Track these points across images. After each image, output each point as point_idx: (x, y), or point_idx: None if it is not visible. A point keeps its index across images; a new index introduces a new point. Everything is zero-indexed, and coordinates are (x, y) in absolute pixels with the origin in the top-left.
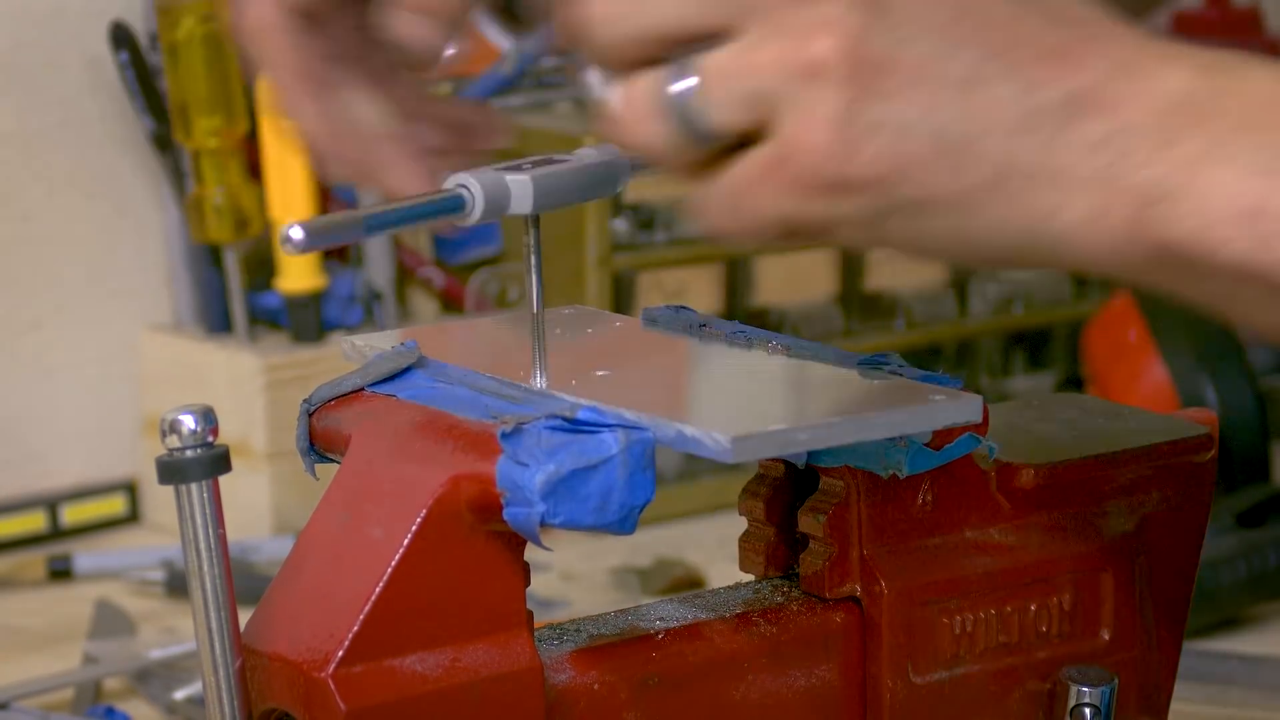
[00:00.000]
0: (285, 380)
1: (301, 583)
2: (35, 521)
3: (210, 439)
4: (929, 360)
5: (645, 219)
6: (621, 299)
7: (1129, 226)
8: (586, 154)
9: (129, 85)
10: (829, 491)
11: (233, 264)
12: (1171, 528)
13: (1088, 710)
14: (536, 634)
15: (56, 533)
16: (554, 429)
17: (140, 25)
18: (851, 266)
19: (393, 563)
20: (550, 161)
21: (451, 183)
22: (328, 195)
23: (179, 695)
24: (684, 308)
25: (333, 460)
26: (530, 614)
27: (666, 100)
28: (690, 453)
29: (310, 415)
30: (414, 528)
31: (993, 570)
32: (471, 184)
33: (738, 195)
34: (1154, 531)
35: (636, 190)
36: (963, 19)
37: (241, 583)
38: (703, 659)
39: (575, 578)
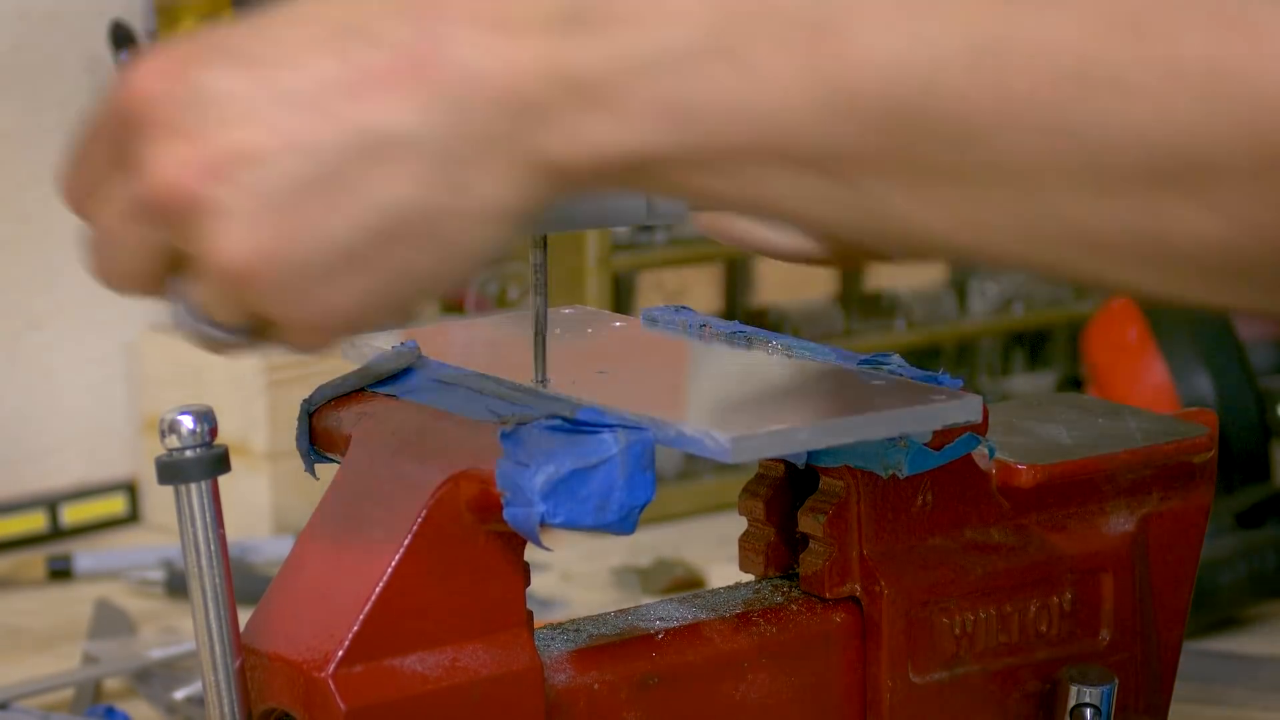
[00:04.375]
0: (285, 380)
1: (301, 583)
2: (35, 521)
3: (210, 439)
4: (929, 360)
5: None
6: (621, 299)
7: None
8: None
9: None
10: (829, 491)
11: None
12: (1171, 528)
13: (1088, 710)
14: (536, 634)
15: (56, 533)
16: (554, 429)
17: (140, 25)
18: None
19: (393, 563)
20: None
21: None
22: None
23: (179, 695)
24: (684, 308)
25: (333, 460)
26: (530, 614)
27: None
28: (690, 453)
29: (310, 415)
30: (414, 528)
31: (993, 570)
32: None
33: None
34: (1154, 531)
35: None
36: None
37: (241, 583)
38: (703, 659)
39: (575, 578)
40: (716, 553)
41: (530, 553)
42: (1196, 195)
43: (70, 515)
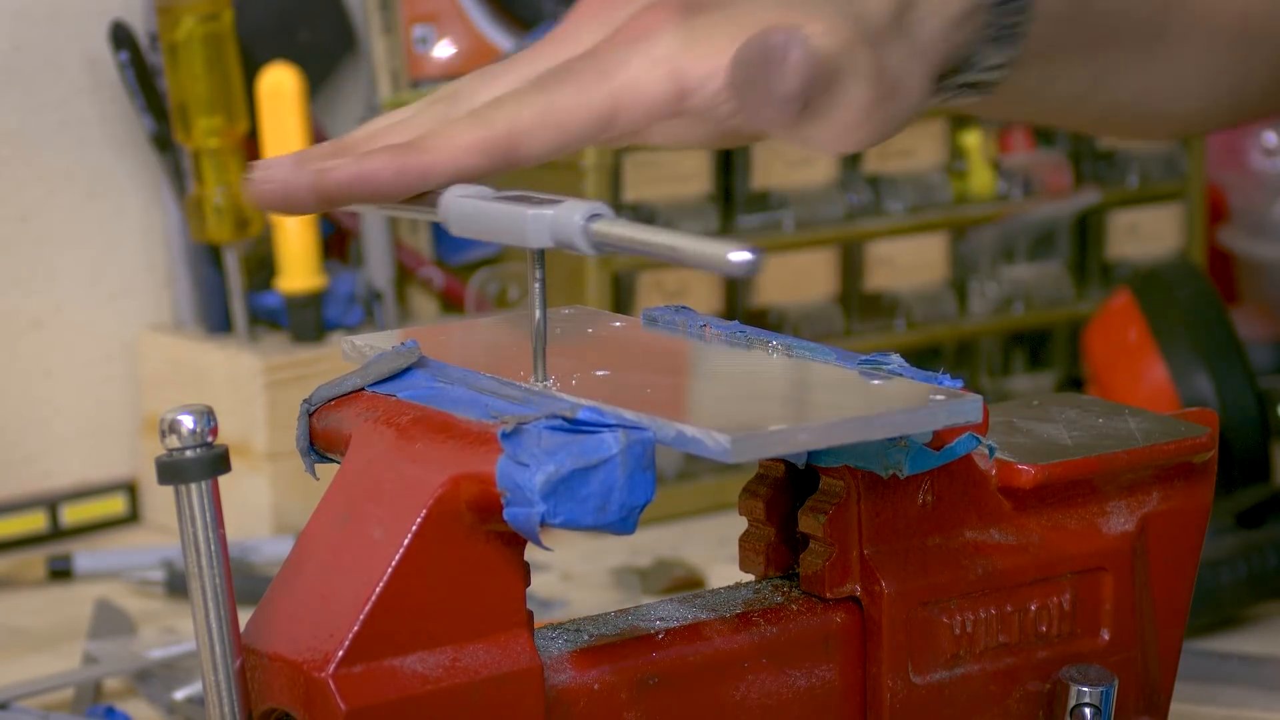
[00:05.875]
0: (285, 380)
1: (301, 583)
2: (35, 521)
3: (210, 439)
4: (929, 360)
5: (645, 219)
6: (621, 299)
7: None
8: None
9: (129, 85)
10: (829, 491)
11: (233, 264)
12: (1171, 528)
13: (1088, 710)
14: (536, 634)
15: (56, 533)
16: (554, 429)
17: (140, 25)
18: (851, 266)
19: (393, 563)
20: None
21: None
22: None
23: (179, 695)
24: (684, 308)
25: (333, 460)
26: (530, 614)
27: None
28: (690, 453)
29: (310, 415)
30: (414, 528)
31: (993, 570)
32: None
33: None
34: (1154, 531)
35: (636, 190)
36: None
37: (241, 583)
38: (703, 659)
39: (575, 578)
40: (716, 553)
41: (530, 553)
42: None
43: (70, 515)
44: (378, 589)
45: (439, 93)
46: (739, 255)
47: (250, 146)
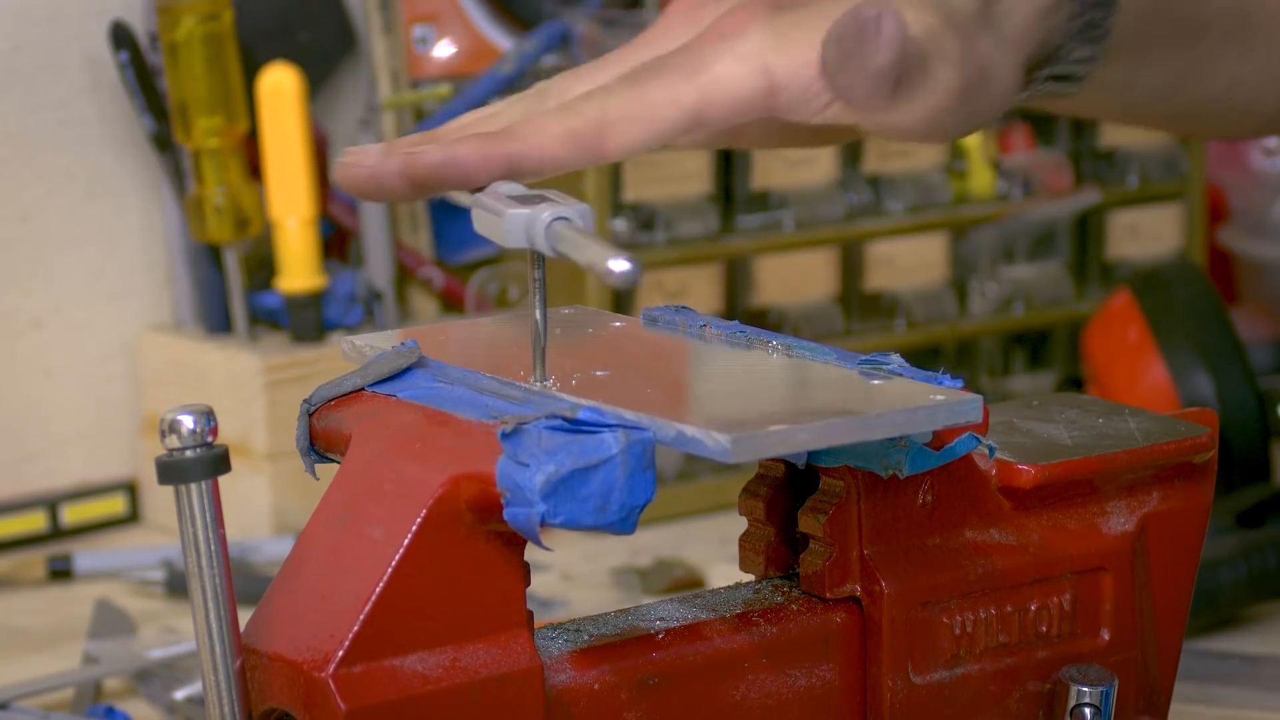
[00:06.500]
0: (285, 380)
1: (301, 583)
2: (35, 521)
3: (210, 439)
4: (929, 360)
5: (645, 219)
6: (621, 299)
7: None
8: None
9: (129, 85)
10: (829, 491)
11: (233, 264)
12: (1171, 528)
13: (1088, 710)
14: (536, 634)
15: (56, 533)
16: (554, 429)
17: (140, 25)
18: (851, 266)
19: (393, 563)
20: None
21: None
22: (328, 195)
23: (179, 695)
24: (684, 308)
25: (333, 460)
26: (530, 614)
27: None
28: (690, 453)
29: (310, 415)
30: (414, 528)
31: (993, 570)
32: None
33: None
34: (1154, 531)
35: (636, 190)
36: None
37: (241, 583)
38: (703, 659)
39: (575, 578)
40: (716, 553)
41: (530, 553)
42: None
43: (70, 515)
44: (378, 589)
45: (529, 90)
46: (619, 264)
47: (250, 146)
